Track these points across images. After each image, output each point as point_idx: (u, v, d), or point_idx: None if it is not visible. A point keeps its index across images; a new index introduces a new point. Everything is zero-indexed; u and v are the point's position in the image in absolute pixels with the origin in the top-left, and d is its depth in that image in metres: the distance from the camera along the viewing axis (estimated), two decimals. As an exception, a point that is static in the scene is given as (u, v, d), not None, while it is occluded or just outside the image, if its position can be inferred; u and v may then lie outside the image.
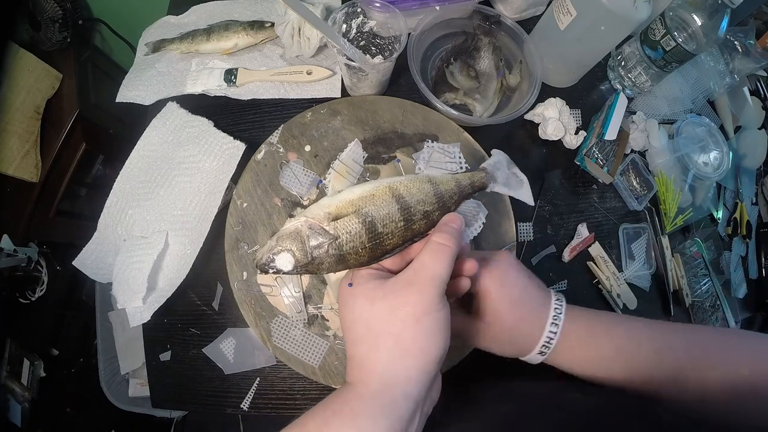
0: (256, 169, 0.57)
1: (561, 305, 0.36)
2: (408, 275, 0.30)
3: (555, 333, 0.35)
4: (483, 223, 0.40)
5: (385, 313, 0.28)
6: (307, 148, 0.58)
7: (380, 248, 0.32)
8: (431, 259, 0.30)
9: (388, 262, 0.34)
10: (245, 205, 0.56)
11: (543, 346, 0.35)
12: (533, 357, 0.36)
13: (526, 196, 0.39)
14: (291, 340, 0.52)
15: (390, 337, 0.28)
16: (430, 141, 0.53)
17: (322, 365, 0.51)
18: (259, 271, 0.32)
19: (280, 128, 0.59)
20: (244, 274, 0.53)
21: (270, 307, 0.53)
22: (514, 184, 0.38)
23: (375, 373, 0.28)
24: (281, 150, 0.58)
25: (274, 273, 0.32)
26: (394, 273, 0.33)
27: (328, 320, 0.53)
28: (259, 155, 0.57)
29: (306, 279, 0.54)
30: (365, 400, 0.27)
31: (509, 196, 0.56)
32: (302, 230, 0.31)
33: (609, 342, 0.35)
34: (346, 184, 0.34)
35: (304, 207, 0.55)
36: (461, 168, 0.53)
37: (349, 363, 0.30)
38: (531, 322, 0.35)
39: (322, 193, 0.56)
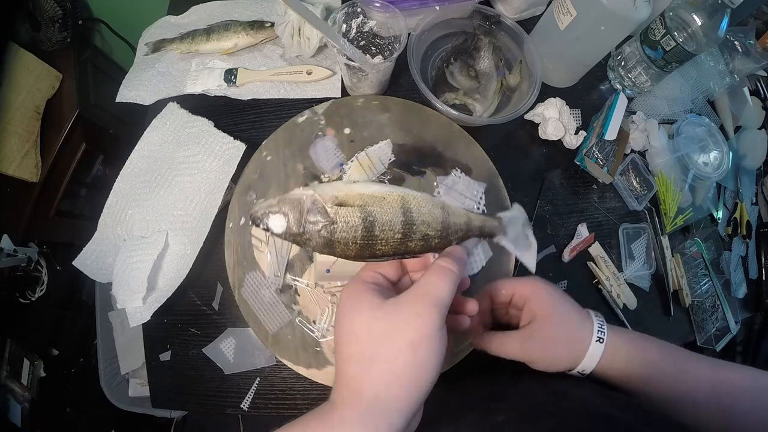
0: (294, 130, 0.58)
1: (598, 314, 0.39)
2: (410, 296, 0.29)
3: (603, 323, 0.37)
4: (482, 266, 0.39)
5: (382, 336, 0.27)
6: (347, 130, 0.58)
7: (369, 250, 0.32)
8: (436, 279, 0.29)
9: (388, 269, 0.33)
10: (269, 158, 0.56)
11: (598, 331, 0.36)
12: (592, 350, 0.36)
13: (529, 260, 0.38)
14: (258, 298, 0.52)
15: (383, 363, 0.27)
16: (459, 170, 0.53)
17: (276, 334, 0.51)
18: (251, 222, 0.32)
19: (330, 101, 0.59)
20: (242, 219, 0.54)
21: (252, 260, 0.53)
22: (522, 245, 0.37)
23: (363, 398, 0.26)
24: (322, 122, 0.58)
25: (263, 229, 0.32)
26: (394, 283, 0.33)
27: (299, 295, 0.53)
28: (301, 118, 0.58)
29: (295, 249, 0.54)
30: (349, 426, 0.26)
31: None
32: (305, 202, 0.31)
33: (652, 351, 0.37)
34: (364, 178, 0.33)
35: (321, 183, 0.56)
36: (478, 209, 0.52)
37: (337, 379, 0.29)
38: (580, 314, 0.38)
39: (342, 177, 0.56)
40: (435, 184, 0.54)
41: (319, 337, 0.51)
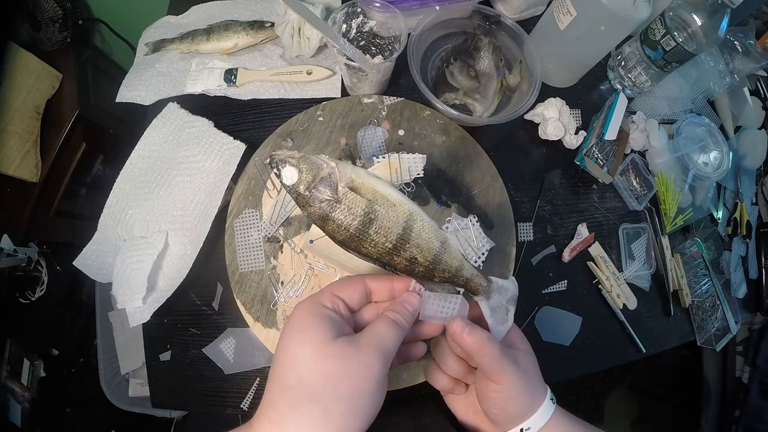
0: (355, 108, 0.59)
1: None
2: (358, 344, 0.29)
3: (554, 400, 0.34)
4: (482, 262, 0.37)
5: (325, 377, 0.27)
6: (401, 132, 0.59)
7: (356, 243, 0.32)
8: (384, 330, 0.30)
9: (351, 294, 0.33)
10: (321, 119, 0.58)
11: (550, 398, 0.33)
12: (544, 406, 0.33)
13: (497, 332, 0.35)
14: (244, 235, 0.53)
15: (321, 405, 0.26)
16: (476, 219, 0.54)
17: (244, 275, 0.53)
18: (267, 161, 0.33)
19: (401, 100, 0.60)
20: (268, 159, 0.56)
21: (258, 198, 0.55)
22: (498, 317, 0.35)
23: None
24: (384, 113, 0.59)
25: (275, 174, 0.32)
26: (354, 311, 0.33)
27: (281, 253, 0.54)
28: (368, 100, 0.59)
29: (299, 210, 0.55)
30: None
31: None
32: (323, 170, 0.31)
33: None
34: (386, 178, 0.33)
35: (354, 165, 0.57)
36: (475, 262, 0.53)
37: (264, 409, 0.28)
38: (538, 379, 0.34)
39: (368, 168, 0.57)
40: (448, 219, 0.55)
41: (279, 299, 0.52)
